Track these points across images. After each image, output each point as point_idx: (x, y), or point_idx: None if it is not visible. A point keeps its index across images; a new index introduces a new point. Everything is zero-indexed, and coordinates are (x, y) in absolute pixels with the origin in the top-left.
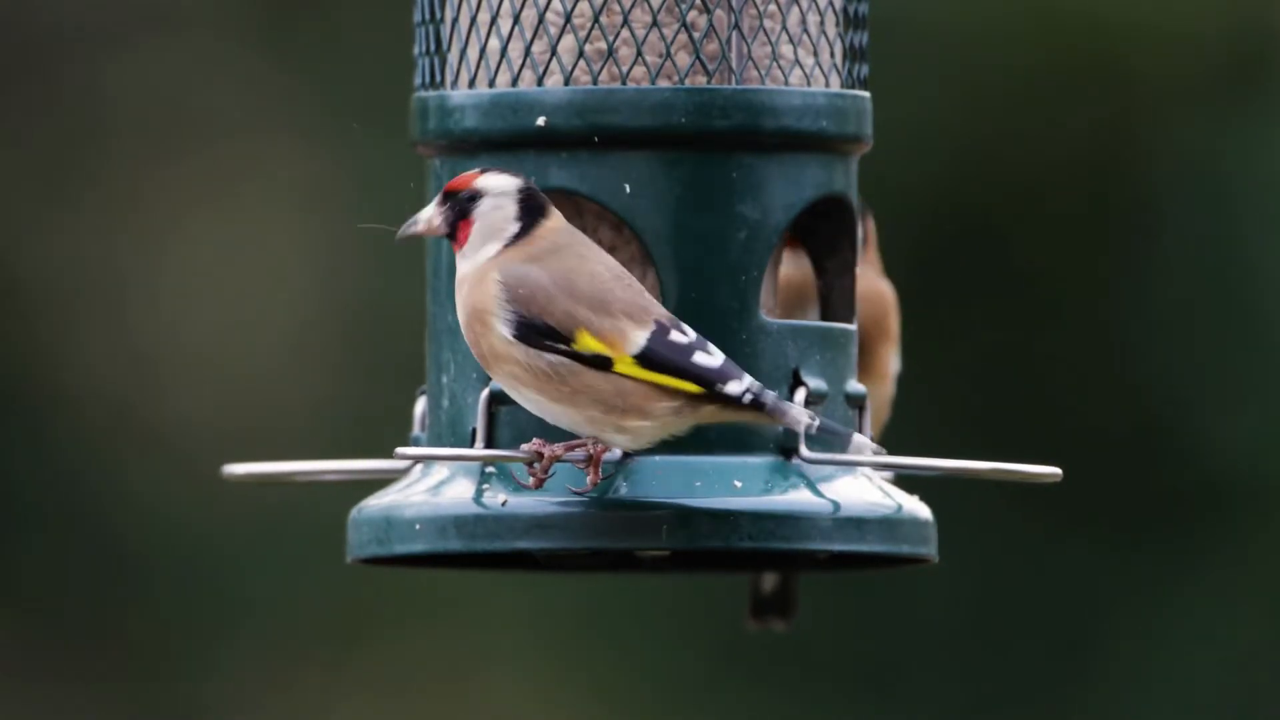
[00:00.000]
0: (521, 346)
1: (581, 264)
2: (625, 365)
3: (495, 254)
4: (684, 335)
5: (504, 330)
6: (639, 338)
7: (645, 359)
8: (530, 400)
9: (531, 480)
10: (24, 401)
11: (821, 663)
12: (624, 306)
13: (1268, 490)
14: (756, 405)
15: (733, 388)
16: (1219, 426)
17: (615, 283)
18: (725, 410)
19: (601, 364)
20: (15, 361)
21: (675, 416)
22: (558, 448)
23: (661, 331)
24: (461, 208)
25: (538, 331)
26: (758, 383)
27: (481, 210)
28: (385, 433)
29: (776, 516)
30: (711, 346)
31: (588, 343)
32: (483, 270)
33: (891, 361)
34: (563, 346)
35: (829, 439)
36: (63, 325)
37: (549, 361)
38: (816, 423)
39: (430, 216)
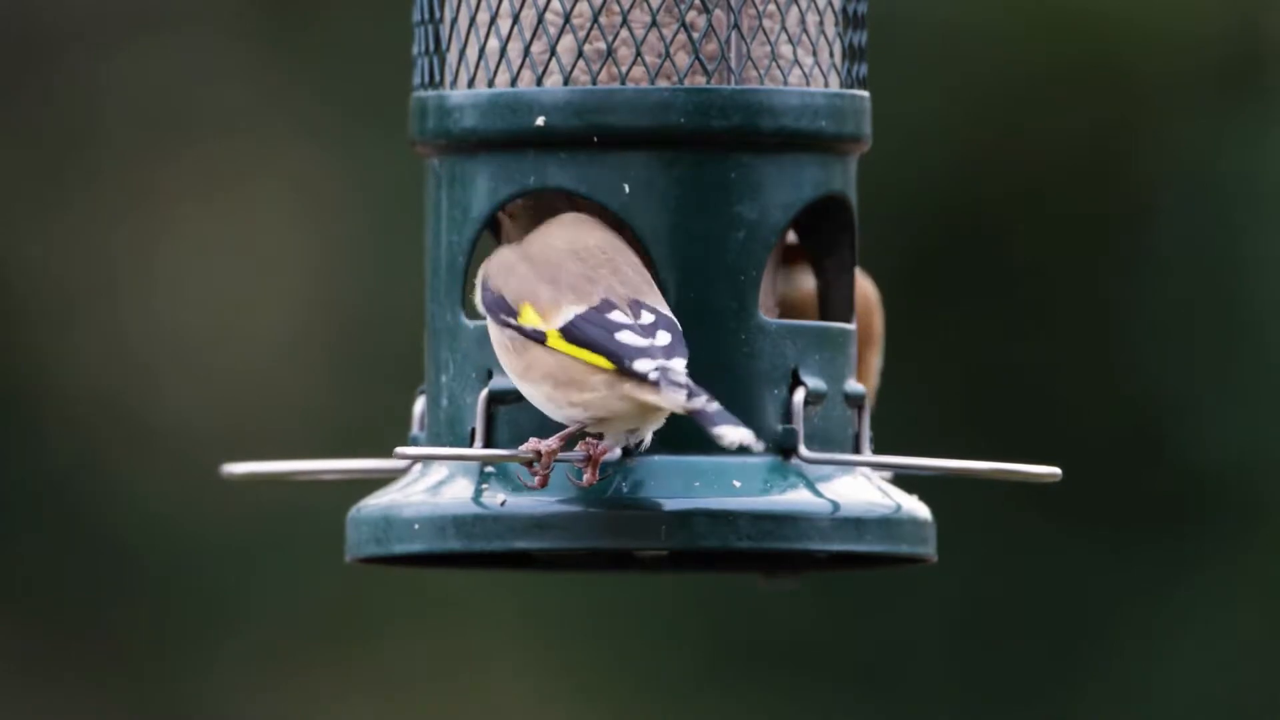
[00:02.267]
0: (489, 319)
1: (549, 239)
2: (553, 339)
3: None
4: (627, 316)
5: (478, 302)
6: (570, 312)
7: (567, 333)
8: (509, 375)
9: (536, 480)
10: (22, 402)
11: (820, 663)
12: (572, 280)
13: (1267, 490)
14: (657, 383)
15: (640, 365)
16: (1219, 426)
17: (570, 258)
18: (642, 389)
19: (539, 338)
20: (13, 362)
21: (609, 391)
22: (552, 441)
23: (602, 308)
24: None
25: (497, 304)
26: (681, 373)
27: None
28: (384, 432)
29: (775, 516)
30: (664, 334)
31: (529, 316)
32: None
33: (875, 362)
34: (512, 320)
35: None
36: (60, 324)
37: (508, 335)
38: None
39: None
